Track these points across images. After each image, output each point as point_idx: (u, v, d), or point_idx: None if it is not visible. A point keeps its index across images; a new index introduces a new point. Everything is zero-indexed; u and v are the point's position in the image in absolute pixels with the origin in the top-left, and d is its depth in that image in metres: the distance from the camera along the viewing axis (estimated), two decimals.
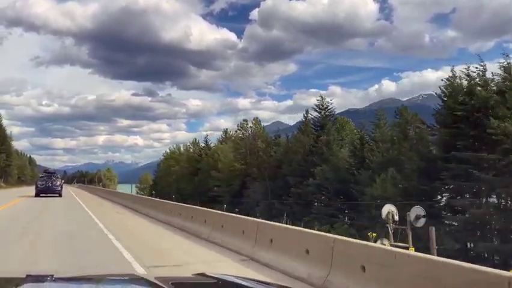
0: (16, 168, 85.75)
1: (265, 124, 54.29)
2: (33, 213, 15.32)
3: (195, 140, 70.03)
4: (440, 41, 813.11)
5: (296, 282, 5.23)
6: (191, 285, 1.92)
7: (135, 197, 27.19)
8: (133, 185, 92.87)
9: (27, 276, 1.70)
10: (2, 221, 12.71)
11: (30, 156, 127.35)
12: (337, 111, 41.11)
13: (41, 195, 27.61)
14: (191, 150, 67.27)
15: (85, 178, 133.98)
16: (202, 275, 1.97)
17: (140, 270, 5.88)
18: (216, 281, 1.87)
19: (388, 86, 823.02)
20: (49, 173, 30.39)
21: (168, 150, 76.29)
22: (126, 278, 2.04)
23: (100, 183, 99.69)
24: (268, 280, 4.38)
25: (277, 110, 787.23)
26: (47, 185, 28.51)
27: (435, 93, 28.08)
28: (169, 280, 1.82)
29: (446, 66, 28.05)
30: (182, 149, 71.53)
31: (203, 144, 64.62)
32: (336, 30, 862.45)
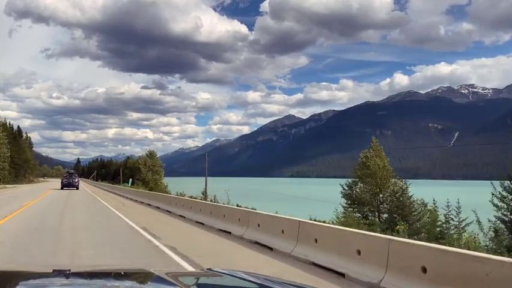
0: None
1: (277, 118, 48.54)
2: None
3: None
4: (456, 33, 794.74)
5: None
6: (200, 281, 1.97)
7: None
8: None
9: (54, 270, 1.90)
10: None
11: (27, 134, 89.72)
12: (352, 105, 37.92)
13: (64, 188, 38.96)
14: None
15: (104, 169, 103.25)
16: (210, 270, 2.03)
17: None
18: (223, 276, 1.92)
19: (401, 80, 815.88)
20: (70, 173, 43.81)
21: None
22: (138, 272, 2.11)
23: (137, 178, 57.77)
24: None
25: (287, 103, 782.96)
26: (69, 181, 40.61)
27: (457, 86, 28.06)
28: (178, 275, 1.89)
29: (461, 60, 28.28)
30: None
31: None
32: (349, 22, 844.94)
